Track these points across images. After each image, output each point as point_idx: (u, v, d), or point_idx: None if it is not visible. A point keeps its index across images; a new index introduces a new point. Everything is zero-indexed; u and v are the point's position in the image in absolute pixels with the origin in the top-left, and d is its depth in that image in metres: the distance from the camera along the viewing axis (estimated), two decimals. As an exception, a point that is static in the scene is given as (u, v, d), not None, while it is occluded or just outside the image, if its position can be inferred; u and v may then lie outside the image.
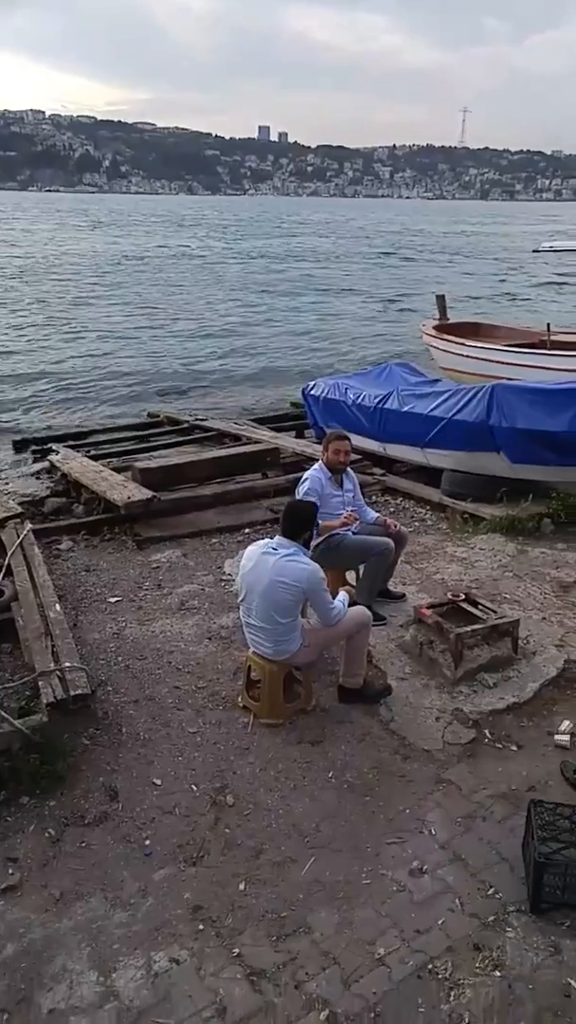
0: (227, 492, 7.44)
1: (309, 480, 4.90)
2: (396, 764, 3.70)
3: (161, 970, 2.65)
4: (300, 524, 3.93)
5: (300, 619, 3.94)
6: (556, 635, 4.71)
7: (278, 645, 3.89)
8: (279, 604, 3.78)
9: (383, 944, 2.74)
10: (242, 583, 3.99)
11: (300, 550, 3.89)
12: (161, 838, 3.23)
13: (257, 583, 3.84)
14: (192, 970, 2.65)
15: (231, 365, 17.74)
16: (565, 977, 2.59)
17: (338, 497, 4.92)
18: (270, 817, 3.36)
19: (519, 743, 3.87)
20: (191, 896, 2.95)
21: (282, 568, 3.77)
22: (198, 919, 2.85)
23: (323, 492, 4.84)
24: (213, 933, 2.79)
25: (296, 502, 4.21)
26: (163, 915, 2.87)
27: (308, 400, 9.39)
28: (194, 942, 2.76)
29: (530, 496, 6.81)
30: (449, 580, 5.47)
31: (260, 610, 3.85)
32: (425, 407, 7.58)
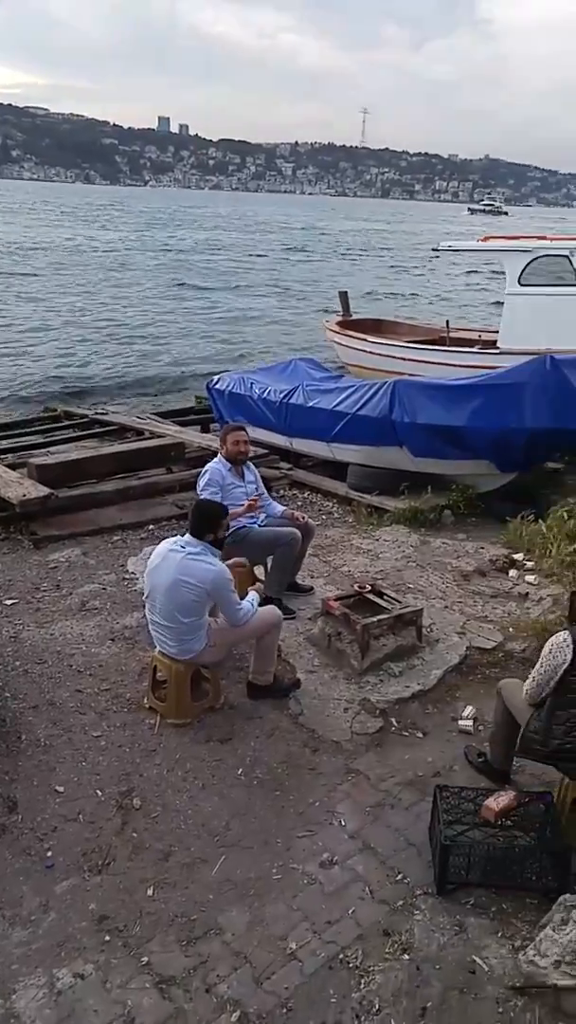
0: (129, 488, 7.27)
1: (209, 472, 4.87)
2: (306, 757, 3.70)
3: (65, 987, 2.54)
4: (205, 522, 3.85)
5: (207, 619, 3.87)
6: (458, 623, 4.84)
7: (182, 644, 3.81)
8: (182, 603, 3.71)
9: (295, 938, 2.73)
10: (147, 580, 3.89)
11: (208, 550, 3.82)
12: (64, 848, 3.11)
13: (161, 581, 3.75)
14: (98, 984, 2.55)
15: (135, 359, 17.40)
16: (470, 954, 2.65)
17: (240, 488, 4.91)
18: (179, 818, 3.29)
19: (424, 730, 3.95)
20: (96, 906, 2.85)
21: (186, 567, 3.70)
22: (104, 930, 2.75)
23: (224, 483, 4.83)
24: (120, 943, 2.70)
25: (203, 501, 4.16)
26: (66, 929, 2.75)
27: (213, 394, 9.31)
28: (100, 954, 2.66)
29: (429, 488, 6.99)
30: (355, 572, 5.53)
31: (163, 609, 3.77)
32: (330, 402, 7.66)
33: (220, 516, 3.92)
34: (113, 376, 15.64)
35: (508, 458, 6.85)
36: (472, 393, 6.88)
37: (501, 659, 4.55)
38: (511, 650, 4.60)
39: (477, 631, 4.76)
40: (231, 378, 9.10)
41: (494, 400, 6.72)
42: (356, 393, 7.52)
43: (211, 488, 4.78)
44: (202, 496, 4.73)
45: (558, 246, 9.78)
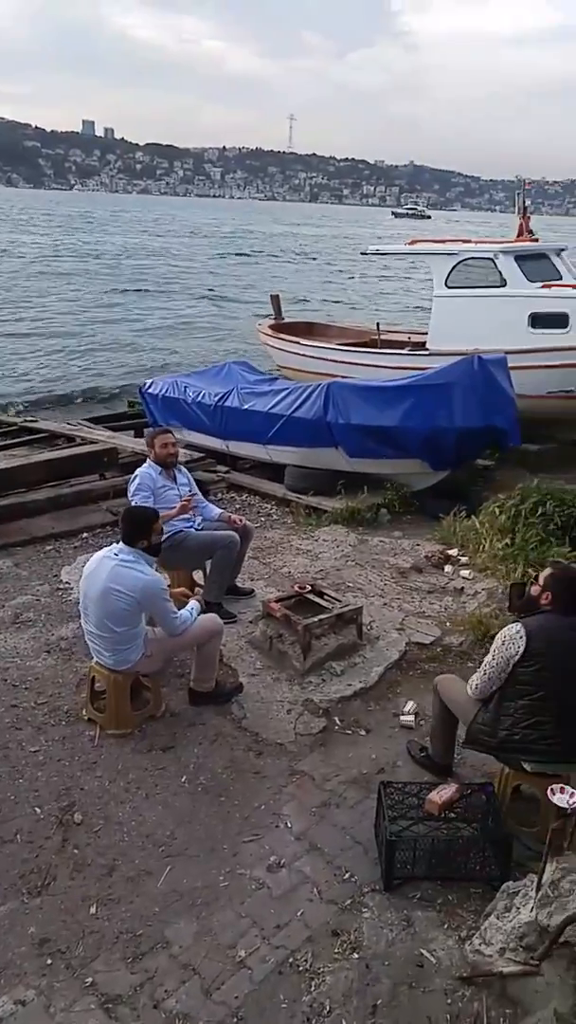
0: (61, 496, 7.09)
1: (139, 477, 4.81)
2: (250, 761, 3.67)
3: (6, 1014, 2.44)
4: (136, 528, 3.76)
5: (143, 628, 3.80)
6: (397, 619, 4.90)
7: (117, 654, 3.73)
8: (113, 612, 3.63)
9: (244, 946, 2.70)
10: (80, 588, 3.81)
11: (142, 558, 3.74)
12: (1, 870, 3.00)
13: (93, 589, 3.67)
14: (41, 1009, 2.46)
15: (65, 364, 17.04)
16: (418, 948, 2.67)
17: (173, 491, 4.86)
18: (122, 831, 3.22)
19: (367, 727, 3.97)
20: (36, 929, 2.75)
21: (117, 575, 3.62)
22: (45, 953, 2.66)
23: (156, 487, 4.77)
24: (63, 965, 2.62)
25: (131, 507, 4.08)
26: (5, 955, 2.65)
27: (146, 399, 9.19)
28: (41, 979, 2.57)
29: (365, 488, 7.07)
30: (296, 573, 5.54)
31: (96, 618, 3.69)
32: (265, 405, 7.66)
33: (150, 521, 3.83)
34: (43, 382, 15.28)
35: (440, 457, 6.99)
36: (403, 394, 6.99)
37: (439, 653, 4.62)
38: (449, 644, 4.68)
39: (416, 627, 4.82)
40: (164, 382, 8.99)
41: (425, 400, 6.85)
42: (291, 395, 7.54)
43: (142, 493, 4.71)
44: (133, 502, 4.65)
45: (483, 249, 10.03)
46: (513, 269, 9.57)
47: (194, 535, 4.80)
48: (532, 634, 2.98)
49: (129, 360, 17.74)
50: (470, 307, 9.73)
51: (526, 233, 10.70)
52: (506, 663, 3.03)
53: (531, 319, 9.19)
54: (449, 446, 6.87)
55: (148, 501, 4.62)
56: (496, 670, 3.07)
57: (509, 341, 8.55)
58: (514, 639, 3.01)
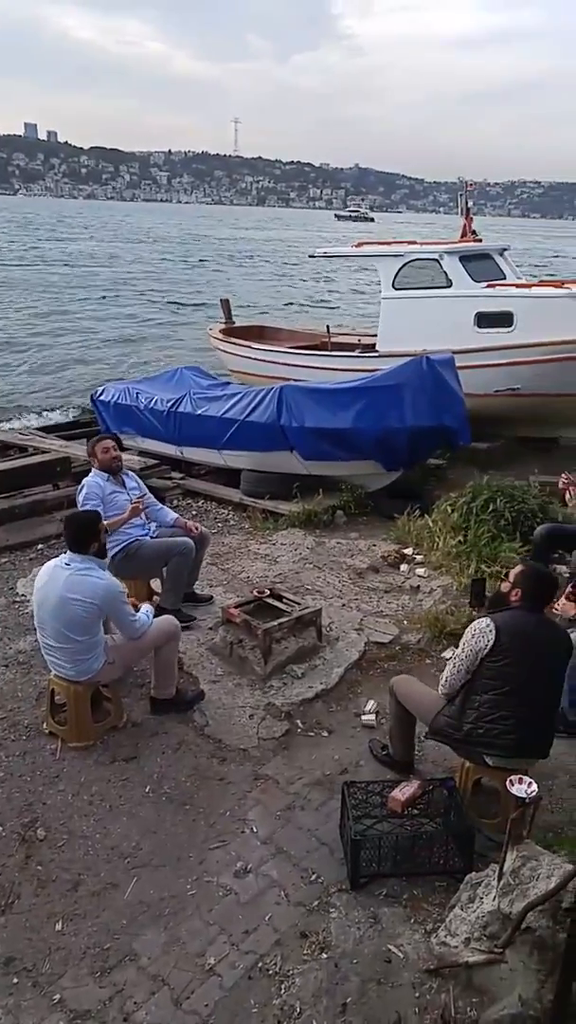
0: (15, 507, 6.98)
1: (86, 487, 4.75)
2: (213, 768, 3.68)
3: (-27, 1035, 2.41)
4: (82, 534, 3.70)
5: (103, 636, 3.77)
6: (356, 619, 4.95)
7: (78, 665, 3.70)
8: (72, 622, 3.60)
9: (213, 953, 2.71)
10: (35, 601, 3.77)
11: (95, 564, 3.71)
12: (-37, 891, 2.95)
13: (47, 600, 3.63)
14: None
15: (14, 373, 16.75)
16: (385, 944, 2.71)
17: (123, 495, 4.82)
18: (86, 844, 3.20)
19: (330, 728, 4.01)
20: (2, 948, 2.72)
21: (73, 584, 3.59)
22: (11, 972, 2.63)
23: (105, 495, 4.72)
24: (29, 983, 2.59)
25: (73, 513, 3.97)
26: (-30, 976, 2.62)
27: (98, 406, 9.09)
28: (8, 998, 2.54)
29: (321, 491, 7.12)
30: (254, 577, 5.55)
31: (52, 629, 3.65)
32: (218, 410, 7.64)
33: (94, 523, 3.77)
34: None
35: (392, 457, 7.07)
36: (355, 396, 7.05)
37: (398, 652, 4.69)
38: (407, 642, 4.75)
39: (374, 626, 4.88)
40: (116, 389, 8.91)
41: (376, 401, 6.92)
42: (244, 400, 7.54)
43: (91, 502, 4.65)
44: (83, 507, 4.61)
45: (428, 250, 10.16)
46: (458, 269, 9.73)
47: (148, 543, 4.78)
48: (501, 629, 3.03)
49: (79, 368, 17.52)
50: (417, 308, 9.86)
51: (470, 234, 10.89)
52: (475, 656, 3.07)
53: (477, 318, 9.35)
54: (401, 446, 6.96)
55: (99, 508, 4.58)
56: (465, 662, 3.11)
57: (456, 341, 8.70)
58: (484, 632, 3.05)
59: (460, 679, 3.15)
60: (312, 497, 7.10)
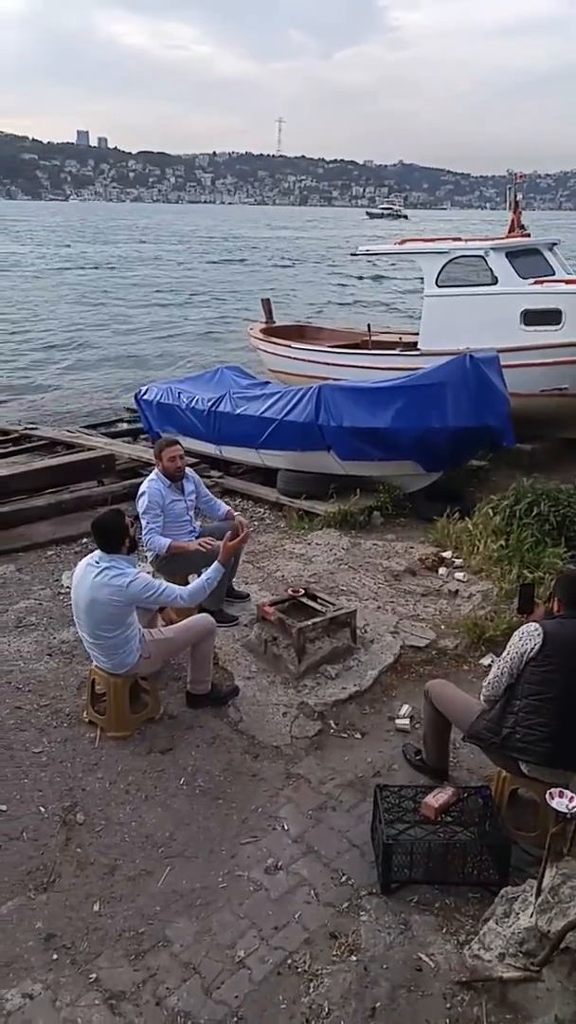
0: (61, 502, 7.15)
1: (148, 494, 4.73)
2: (247, 764, 3.72)
3: (13, 1008, 2.49)
4: (110, 537, 3.73)
5: (136, 630, 3.84)
6: (391, 622, 4.94)
7: (113, 659, 3.79)
8: (101, 620, 3.68)
9: (243, 946, 2.75)
10: (72, 597, 3.87)
11: (123, 562, 3.72)
12: (8, 867, 3.05)
13: (80, 599, 3.74)
14: (47, 1003, 2.52)
15: (63, 372, 17.05)
16: (416, 951, 2.70)
17: (180, 502, 4.87)
18: (123, 831, 3.27)
19: (363, 731, 4.02)
20: (43, 925, 2.81)
21: (99, 584, 3.64)
22: (51, 948, 2.72)
23: (165, 503, 4.77)
24: (68, 961, 2.68)
25: (99, 517, 3.88)
26: (13, 950, 2.71)
27: (142, 405, 9.21)
28: (48, 973, 2.62)
29: (358, 491, 7.11)
30: (289, 577, 5.58)
31: (86, 626, 3.75)
32: (257, 409, 7.69)
33: (120, 524, 3.76)
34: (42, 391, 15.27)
35: (433, 458, 7.02)
36: (395, 395, 7.02)
37: (434, 656, 4.67)
38: (444, 647, 4.73)
39: (410, 630, 4.87)
40: (158, 388, 9.01)
41: (417, 401, 6.88)
42: (282, 399, 7.57)
43: (153, 511, 4.66)
44: (144, 521, 4.66)
45: (474, 247, 10.02)
46: (504, 266, 9.57)
47: None
48: (548, 634, 2.98)
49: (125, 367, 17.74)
50: (461, 306, 9.73)
51: (517, 229, 10.70)
52: (520, 658, 3.01)
53: (523, 316, 9.18)
54: (442, 447, 6.90)
55: (159, 520, 4.66)
56: (509, 665, 3.06)
57: (501, 339, 8.56)
58: (531, 635, 3.01)
59: (503, 682, 3.10)
60: (349, 497, 7.09)
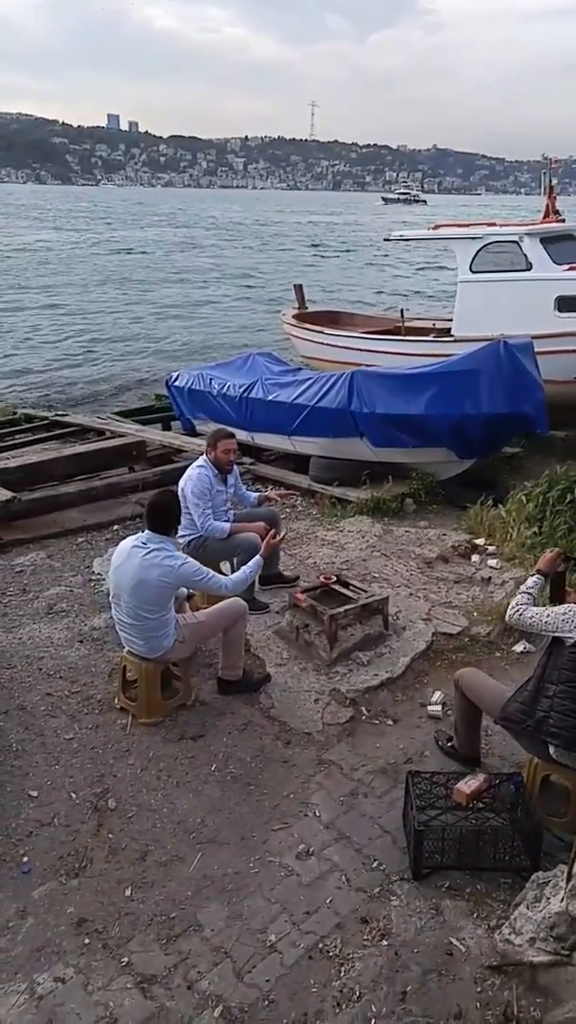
0: (92, 489, 7.19)
1: (198, 480, 4.72)
2: (278, 750, 3.72)
3: (46, 991, 2.53)
4: (167, 518, 3.85)
5: (173, 614, 3.87)
6: (423, 609, 4.90)
7: (150, 642, 3.80)
8: (148, 600, 3.71)
9: (274, 931, 2.75)
10: (111, 579, 3.88)
11: (171, 544, 3.82)
12: (40, 852, 3.09)
13: (125, 579, 3.74)
14: (79, 987, 2.55)
15: (94, 358, 17.20)
16: (447, 936, 2.70)
17: (222, 493, 4.90)
18: (154, 817, 3.30)
19: (395, 717, 4.00)
20: (75, 909, 2.84)
21: (150, 564, 3.69)
22: (83, 933, 2.75)
23: (212, 492, 4.78)
24: (100, 945, 2.70)
25: (158, 495, 4.02)
26: (45, 934, 2.74)
27: (172, 391, 9.24)
28: (80, 957, 2.65)
29: (390, 478, 7.05)
30: (321, 563, 5.56)
31: (129, 607, 3.76)
32: (289, 395, 7.66)
33: (178, 507, 3.98)
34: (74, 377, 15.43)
35: (466, 444, 6.93)
36: (429, 381, 6.94)
37: (467, 643, 4.62)
38: (476, 634, 4.68)
39: (442, 617, 4.82)
40: (190, 374, 9.03)
41: (450, 387, 6.80)
42: (315, 385, 7.53)
43: (204, 500, 4.68)
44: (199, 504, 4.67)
45: (508, 232, 9.87)
46: (539, 252, 9.42)
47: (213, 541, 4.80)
48: None
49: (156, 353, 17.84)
50: (495, 292, 9.61)
51: (552, 214, 10.52)
52: (554, 628, 2.99)
53: (558, 302, 9.04)
54: (475, 434, 6.82)
55: (210, 507, 4.69)
56: (541, 625, 3.04)
57: (535, 326, 8.43)
58: (573, 620, 2.97)
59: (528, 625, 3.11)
60: (381, 484, 7.04)
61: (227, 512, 4.97)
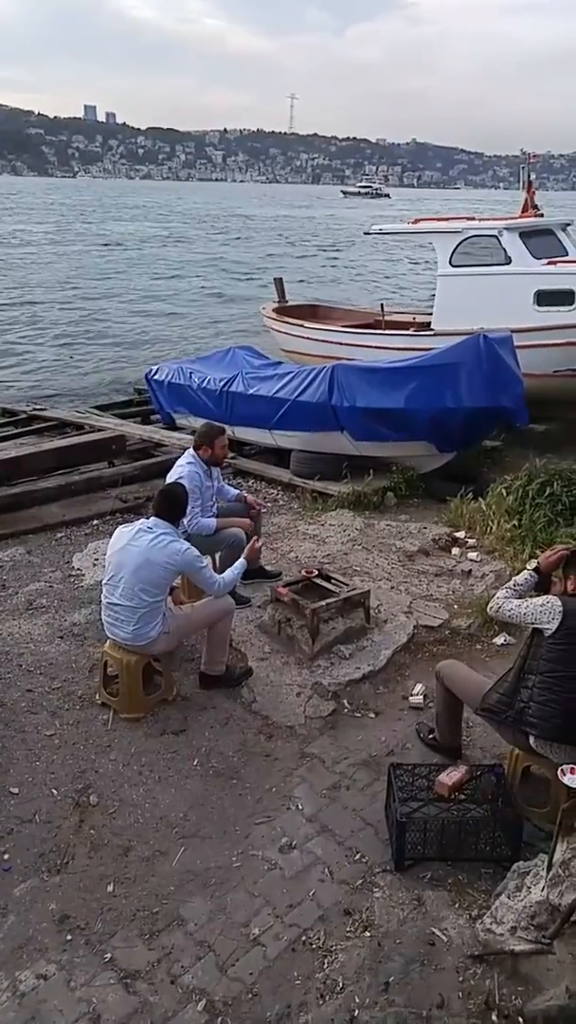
0: (71, 483, 7.14)
1: (188, 477, 4.64)
2: (260, 744, 3.72)
3: (28, 988, 2.51)
4: (176, 508, 3.93)
5: (165, 604, 3.87)
6: (404, 602, 4.92)
7: (139, 628, 3.77)
8: (150, 581, 3.72)
9: (257, 924, 2.76)
10: (111, 561, 3.87)
11: (175, 531, 3.88)
12: (21, 849, 3.07)
13: (129, 558, 3.74)
14: (62, 983, 2.53)
15: (72, 352, 17.02)
16: (429, 927, 2.71)
17: (210, 489, 4.88)
18: (136, 812, 3.28)
19: (376, 710, 4.01)
20: (56, 906, 2.82)
21: (158, 547, 3.73)
22: (65, 929, 2.73)
23: (202, 488, 4.76)
24: (82, 941, 2.69)
25: (172, 485, 4.14)
26: (27, 931, 2.72)
27: (152, 385, 9.19)
28: (62, 954, 2.64)
29: (371, 472, 7.07)
30: (303, 557, 5.56)
31: (128, 587, 3.74)
32: (270, 389, 7.65)
33: (186, 501, 4.04)
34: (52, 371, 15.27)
35: (446, 438, 6.97)
36: (409, 375, 6.96)
37: (448, 636, 4.65)
38: (457, 627, 4.70)
39: (423, 610, 4.84)
40: (169, 368, 8.98)
41: (431, 381, 6.82)
42: (295, 379, 7.52)
43: (195, 495, 4.59)
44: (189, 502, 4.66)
45: (487, 226, 9.92)
46: (518, 246, 9.48)
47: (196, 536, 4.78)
48: (567, 612, 2.96)
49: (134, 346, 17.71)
50: (475, 285, 9.65)
51: (531, 209, 10.58)
52: (532, 620, 3.01)
53: (536, 296, 9.11)
54: (455, 427, 6.85)
55: (199, 503, 4.66)
56: (519, 617, 3.06)
57: (515, 319, 8.50)
58: (553, 612, 2.96)
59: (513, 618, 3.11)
60: (362, 478, 7.06)
61: (213, 507, 4.95)
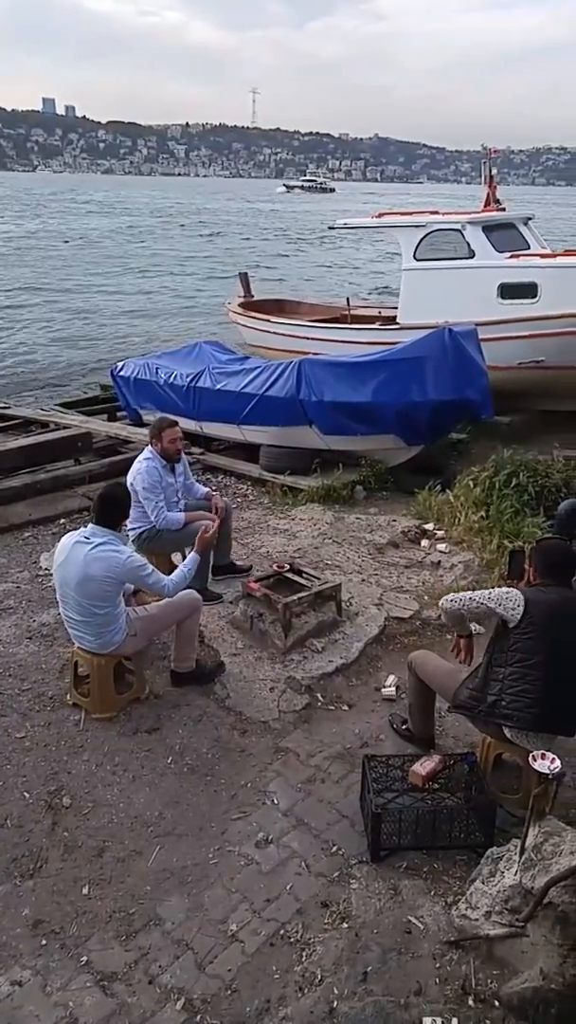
0: (37, 482, 7.03)
1: (146, 474, 4.60)
2: (234, 740, 3.71)
3: (2, 995, 2.47)
4: (116, 512, 3.78)
5: (123, 608, 3.80)
6: (375, 595, 4.94)
7: (101, 637, 3.73)
8: (95, 595, 3.63)
9: (235, 920, 2.75)
10: (55, 577, 3.79)
11: (116, 538, 3.73)
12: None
13: (71, 575, 3.64)
14: (37, 989, 2.50)
15: (33, 348, 16.77)
16: (406, 915, 2.73)
17: (172, 485, 4.81)
18: (111, 812, 3.25)
19: (350, 702, 4.02)
20: (30, 911, 2.78)
21: (94, 559, 3.60)
22: (40, 934, 2.69)
23: (163, 484, 4.69)
24: (57, 945, 2.66)
25: (110, 488, 3.98)
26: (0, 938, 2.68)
27: (118, 381, 9.09)
28: (37, 959, 2.60)
29: (340, 466, 7.09)
30: (273, 552, 5.55)
31: (75, 603, 3.68)
32: (237, 384, 7.62)
33: (128, 500, 3.90)
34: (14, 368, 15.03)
35: (413, 431, 7.01)
36: (375, 369, 6.99)
37: (418, 627, 4.68)
38: (427, 618, 4.74)
39: (394, 601, 4.87)
40: (135, 364, 8.90)
41: (397, 375, 6.86)
42: (263, 374, 7.50)
43: (155, 492, 4.59)
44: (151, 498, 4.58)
45: (450, 220, 9.98)
46: (481, 240, 9.56)
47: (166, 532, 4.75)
48: (529, 602, 2.99)
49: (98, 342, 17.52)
50: (439, 279, 9.72)
51: (493, 203, 10.68)
52: (488, 612, 3.03)
53: (500, 290, 9.20)
54: (422, 420, 6.89)
55: (162, 499, 4.60)
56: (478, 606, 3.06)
57: (479, 313, 8.58)
58: (514, 602, 2.98)
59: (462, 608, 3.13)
60: (332, 472, 7.08)
61: (179, 503, 4.91)
